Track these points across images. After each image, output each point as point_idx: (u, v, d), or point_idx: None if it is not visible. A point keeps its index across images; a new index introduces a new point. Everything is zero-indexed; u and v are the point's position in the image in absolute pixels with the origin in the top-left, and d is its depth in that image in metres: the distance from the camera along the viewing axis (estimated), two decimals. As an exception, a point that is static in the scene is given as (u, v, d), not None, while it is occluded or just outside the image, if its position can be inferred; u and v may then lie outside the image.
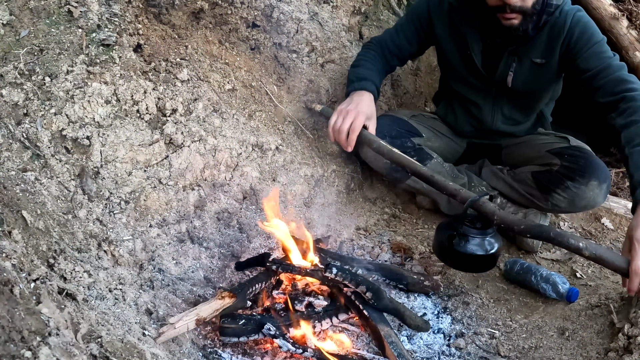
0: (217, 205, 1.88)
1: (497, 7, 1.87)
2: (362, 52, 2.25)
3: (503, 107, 2.22)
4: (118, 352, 1.16)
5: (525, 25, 1.90)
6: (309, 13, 2.28)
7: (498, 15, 1.88)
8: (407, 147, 2.20)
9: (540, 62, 2.03)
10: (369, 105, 2.01)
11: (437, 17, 2.15)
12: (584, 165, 2.00)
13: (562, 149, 2.11)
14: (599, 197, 2.01)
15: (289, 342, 1.47)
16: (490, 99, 2.21)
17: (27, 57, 1.63)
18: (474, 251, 1.67)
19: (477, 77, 2.17)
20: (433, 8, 2.15)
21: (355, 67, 2.18)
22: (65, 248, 1.40)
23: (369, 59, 2.18)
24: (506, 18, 1.88)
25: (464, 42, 2.11)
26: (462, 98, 2.27)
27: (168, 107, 1.81)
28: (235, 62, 2.12)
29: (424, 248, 2.15)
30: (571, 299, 1.82)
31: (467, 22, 2.07)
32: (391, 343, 1.53)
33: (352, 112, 1.93)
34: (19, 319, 1.01)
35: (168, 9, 1.97)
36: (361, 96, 2.02)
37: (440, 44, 2.21)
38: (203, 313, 1.47)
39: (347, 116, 1.92)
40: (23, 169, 1.49)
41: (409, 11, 2.30)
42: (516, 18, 1.87)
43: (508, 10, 1.84)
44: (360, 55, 2.23)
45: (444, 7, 2.12)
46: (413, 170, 1.83)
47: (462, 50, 2.13)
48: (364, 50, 2.25)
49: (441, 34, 2.16)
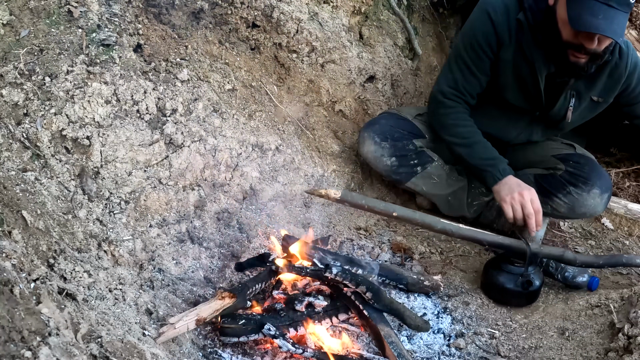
0: (217, 205, 1.88)
1: (571, 44, 1.77)
2: (452, 119, 2.06)
3: (534, 131, 2.17)
4: (118, 352, 1.16)
5: (590, 66, 1.85)
6: (309, 13, 2.28)
7: (569, 50, 1.80)
8: (408, 150, 2.20)
9: (597, 99, 2.01)
10: (521, 183, 1.92)
11: (505, 36, 1.92)
12: (588, 172, 2.02)
13: (568, 155, 2.12)
14: (599, 206, 2.03)
15: (289, 342, 1.47)
16: (526, 122, 2.13)
17: (27, 57, 1.63)
18: (538, 286, 1.86)
19: (527, 101, 2.05)
20: (500, 26, 1.91)
21: (468, 146, 2.03)
22: (65, 248, 1.40)
23: (468, 126, 2.03)
24: (576, 56, 1.80)
25: (529, 66, 1.94)
26: (490, 113, 2.15)
27: (168, 107, 1.81)
28: (235, 62, 2.12)
29: (424, 248, 2.15)
30: (592, 287, 1.89)
31: (535, 43, 1.89)
32: (391, 343, 1.53)
33: (525, 193, 1.86)
34: (19, 319, 1.01)
35: (168, 9, 1.97)
36: (512, 179, 1.93)
37: (498, 66, 2.00)
38: (203, 313, 1.47)
39: (524, 200, 1.85)
40: (23, 169, 1.49)
41: (468, 35, 2.00)
42: (584, 58, 1.81)
43: (582, 51, 1.77)
44: (456, 126, 2.05)
45: (512, 24, 1.90)
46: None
47: (524, 73, 1.97)
48: (452, 115, 2.06)
49: (506, 57, 1.96)
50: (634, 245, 2.31)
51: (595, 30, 1.68)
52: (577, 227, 2.35)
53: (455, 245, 2.20)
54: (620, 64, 1.92)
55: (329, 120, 2.37)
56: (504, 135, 2.19)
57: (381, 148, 2.18)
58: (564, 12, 1.73)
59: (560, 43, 1.80)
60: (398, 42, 2.66)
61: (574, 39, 1.76)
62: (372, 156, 2.20)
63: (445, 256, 2.14)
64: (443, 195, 2.24)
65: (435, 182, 2.23)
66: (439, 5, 2.98)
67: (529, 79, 1.98)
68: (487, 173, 1.97)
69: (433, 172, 2.22)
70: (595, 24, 1.66)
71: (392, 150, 2.18)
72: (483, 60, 1.98)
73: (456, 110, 2.07)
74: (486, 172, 1.97)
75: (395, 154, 2.19)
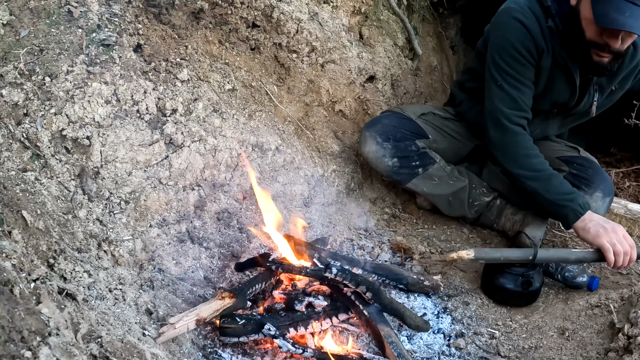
0: (217, 205, 1.88)
1: (595, 43, 1.77)
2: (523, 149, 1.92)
3: (550, 125, 2.15)
4: (118, 352, 1.16)
5: (613, 65, 1.84)
6: (309, 13, 2.28)
7: (592, 50, 1.79)
8: (410, 151, 2.19)
9: (615, 88, 2.02)
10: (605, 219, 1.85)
11: (542, 43, 1.86)
12: (592, 175, 2.02)
13: (572, 157, 2.12)
14: (601, 209, 2.03)
15: (289, 342, 1.47)
16: (540, 118, 2.10)
17: (27, 57, 1.63)
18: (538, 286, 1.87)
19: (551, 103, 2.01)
20: (535, 32, 1.84)
21: (544, 180, 1.89)
22: (65, 248, 1.40)
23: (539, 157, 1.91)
24: (599, 55, 1.79)
25: (564, 72, 1.92)
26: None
27: (168, 107, 1.81)
28: (235, 62, 2.12)
29: (424, 248, 2.15)
30: (592, 287, 1.89)
31: (564, 47, 1.87)
32: (391, 343, 1.53)
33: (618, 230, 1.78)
34: (19, 319, 1.01)
35: (168, 9, 1.97)
36: (592, 217, 1.83)
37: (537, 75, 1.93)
38: (203, 313, 1.47)
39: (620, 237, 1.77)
40: (23, 169, 1.49)
41: (506, 47, 1.88)
42: (608, 57, 1.80)
43: (606, 50, 1.76)
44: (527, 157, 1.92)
45: (545, 32, 1.85)
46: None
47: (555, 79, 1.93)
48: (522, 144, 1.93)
49: (545, 66, 1.90)
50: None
51: (622, 27, 1.67)
52: (577, 227, 2.35)
53: (455, 246, 2.20)
54: (636, 55, 1.93)
55: (329, 120, 2.37)
56: None
57: (383, 148, 2.17)
58: (588, 11, 1.72)
59: (584, 43, 1.79)
60: (398, 42, 2.66)
61: (599, 37, 1.75)
62: (373, 156, 2.20)
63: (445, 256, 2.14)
64: (444, 195, 2.24)
65: (436, 183, 2.23)
66: (439, 5, 2.99)
67: (561, 82, 1.94)
68: (568, 209, 1.85)
69: (434, 173, 2.21)
70: (622, 21, 1.65)
71: (394, 151, 2.17)
72: (528, 69, 1.89)
73: (525, 138, 1.94)
74: (566, 208, 1.85)
75: (397, 155, 2.18)
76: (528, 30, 1.84)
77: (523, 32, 1.84)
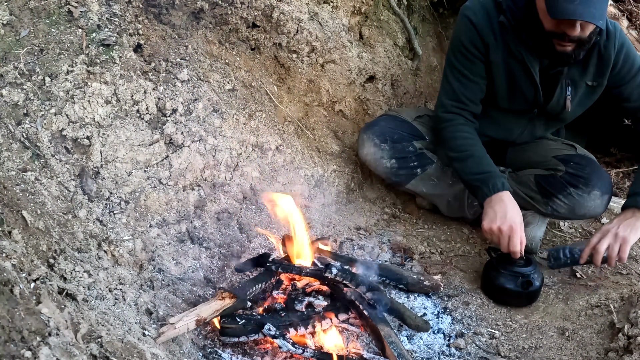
0: (217, 205, 1.88)
1: (554, 34, 1.76)
2: (449, 132, 2.00)
3: (536, 126, 2.15)
4: (118, 352, 1.16)
5: (578, 53, 1.83)
6: (309, 13, 2.28)
7: (554, 40, 1.78)
8: (408, 152, 2.19)
9: (592, 84, 1.99)
10: (514, 208, 1.83)
11: (489, 38, 1.91)
12: (589, 174, 2.01)
13: (569, 156, 2.11)
14: (599, 207, 2.03)
15: (289, 342, 1.47)
16: (525, 120, 2.12)
17: (27, 57, 1.63)
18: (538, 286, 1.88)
19: (524, 100, 2.02)
20: (482, 28, 1.91)
21: (463, 160, 1.95)
22: (65, 248, 1.40)
23: (465, 138, 1.97)
24: (562, 45, 1.78)
25: (520, 65, 1.93)
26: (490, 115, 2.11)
27: (168, 107, 1.81)
28: (235, 62, 2.12)
29: (424, 248, 2.15)
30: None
31: (521, 42, 1.89)
32: (391, 343, 1.53)
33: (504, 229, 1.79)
34: (19, 319, 1.01)
35: (168, 9, 1.97)
36: (501, 201, 1.83)
37: (491, 70, 1.98)
38: (203, 313, 1.47)
39: (503, 237, 1.79)
40: (23, 169, 1.49)
41: (454, 43, 1.99)
42: (570, 46, 1.79)
43: (566, 39, 1.75)
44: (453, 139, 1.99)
45: (495, 27, 1.90)
46: None
47: (517, 73, 1.96)
48: (450, 128, 2.01)
49: (496, 60, 1.95)
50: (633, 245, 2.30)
51: (572, 17, 1.66)
52: (577, 227, 2.35)
53: (455, 246, 2.20)
54: (608, 45, 1.91)
55: (329, 120, 2.37)
56: (506, 136, 2.18)
57: (381, 150, 2.17)
58: (542, 2, 1.73)
59: (544, 34, 1.80)
60: (398, 42, 2.66)
61: (556, 27, 1.75)
62: (371, 158, 2.20)
63: (445, 256, 2.14)
64: (443, 196, 2.24)
65: (435, 184, 2.23)
66: (439, 5, 2.98)
67: (522, 78, 1.97)
68: (478, 190, 1.89)
69: (433, 173, 2.21)
70: (571, 10, 1.65)
71: (391, 152, 2.18)
72: (475, 64, 1.96)
73: (454, 122, 2.01)
74: (478, 189, 1.90)
75: (395, 156, 2.18)
76: (474, 25, 1.91)
77: (469, 28, 1.92)
